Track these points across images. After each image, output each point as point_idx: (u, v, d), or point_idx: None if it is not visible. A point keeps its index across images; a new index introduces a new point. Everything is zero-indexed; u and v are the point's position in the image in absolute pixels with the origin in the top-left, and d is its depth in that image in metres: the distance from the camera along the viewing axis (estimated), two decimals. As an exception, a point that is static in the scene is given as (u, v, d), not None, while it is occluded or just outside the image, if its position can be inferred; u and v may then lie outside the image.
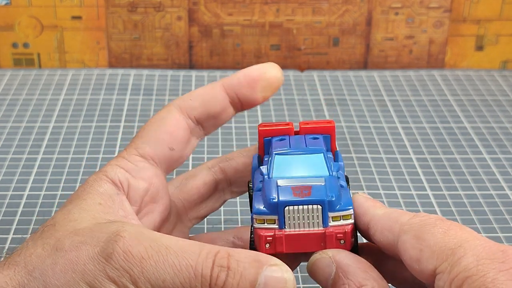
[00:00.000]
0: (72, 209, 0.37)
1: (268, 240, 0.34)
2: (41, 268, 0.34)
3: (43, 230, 0.36)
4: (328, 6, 0.81)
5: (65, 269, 0.34)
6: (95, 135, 0.68)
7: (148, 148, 0.40)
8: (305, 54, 0.84)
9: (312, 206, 0.34)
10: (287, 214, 0.34)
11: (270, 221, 0.34)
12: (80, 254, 0.34)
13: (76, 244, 0.34)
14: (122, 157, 0.40)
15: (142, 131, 0.41)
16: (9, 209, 0.56)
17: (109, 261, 0.33)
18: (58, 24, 0.81)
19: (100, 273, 0.33)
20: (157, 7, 0.81)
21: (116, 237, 0.33)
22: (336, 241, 0.34)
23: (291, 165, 0.37)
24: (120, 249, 0.33)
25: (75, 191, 0.39)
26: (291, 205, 0.34)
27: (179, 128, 0.41)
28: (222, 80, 0.42)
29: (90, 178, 0.39)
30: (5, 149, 0.65)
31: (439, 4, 0.82)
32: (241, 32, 0.82)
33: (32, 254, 0.35)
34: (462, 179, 0.62)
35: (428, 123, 0.71)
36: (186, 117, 0.41)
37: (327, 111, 0.74)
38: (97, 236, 0.34)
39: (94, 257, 0.33)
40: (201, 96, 0.41)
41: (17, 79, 0.79)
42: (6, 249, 0.52)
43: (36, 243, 0.36)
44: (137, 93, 0.77)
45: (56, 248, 0.34)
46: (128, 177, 0.39)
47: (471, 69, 0.84)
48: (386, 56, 0.84)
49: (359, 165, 0.63)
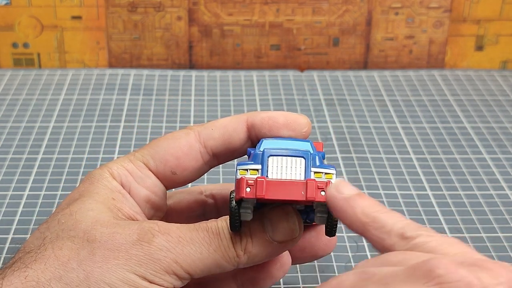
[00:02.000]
0: (87, 200, 0.37)
1: (249, 183, 0.34)
2: (77, 259, 0.34)
3: (59, 220, 0.36)
4: (328, 6, 0.81)
5: (106, 257, 0.34)
6: (95, 135, 0.68)
7: (152, 163, 0.40)
8: (305, 54, 0.84)
9: (295, 158, 0.35)
10: (271, 163, 0.35)
11: (253, 172, 0.35)
12: (117, 242, 0.35)
13: (108, 234, 0.35)
14: (129, 159, 0.40)
15: (153, 143, 0.41)
16: (9, 209, 0.56)
17: (151, 243, 0.35)
18: (58, 24, 0.81)
19: (145, 256, 0.34)
20: (157, 7, 0.81)
21: (151, 224, 0.35)
22: (317, 190, 0.34)
23: (279, 144, 0.37)
24: (159, 232, 0.35)
25: (80, 186, 0.39)
26: (276, 156, 0.35)
27: (188, 155, 0.40)
28: (247, 115, 0.40)
29: (94, 173, 0.39)
30: (5, 149, 0.65)
31: (439, 4, 0.82)
32: (241, 32, 0.82)
33: (62, 247, 0.35)
34: (462, 179, 0.62)
35: (428, 123, 0.71)
36: (202, 145, 0.40)
37: (327, 111, 0.74)
38: (128, 227, 0.35)
39: (135, 243, 0.35)
40: (223, 128, 0.41)
41: (17, 79, 0.79)
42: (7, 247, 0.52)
43: (59, 235, 0.35)
44: (137, 93, 0.77)
45: (87, 239, 0.35)
46: (131, 180, 0.39)
47: (471, 69, 0.84)
48: (386, 56, 0.84)
49: (359, 165, 0.63)
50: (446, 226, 0.55)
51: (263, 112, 0.40)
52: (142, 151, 0.41)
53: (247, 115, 0.40)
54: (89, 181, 0.39)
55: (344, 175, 0.62)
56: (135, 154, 0.41)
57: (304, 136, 0.39)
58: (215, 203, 0.44)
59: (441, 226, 0.55)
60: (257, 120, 0.40)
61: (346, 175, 0.62)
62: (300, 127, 0.39)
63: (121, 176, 0.39)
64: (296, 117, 0.39)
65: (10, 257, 0.51)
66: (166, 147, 0.40)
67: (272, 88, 0.78)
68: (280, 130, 0.39)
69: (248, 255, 0.36)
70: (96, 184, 0.39)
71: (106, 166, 0.40)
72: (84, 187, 0.39)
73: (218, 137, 0.40)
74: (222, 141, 0.40)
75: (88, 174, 0.40)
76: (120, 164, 0.40)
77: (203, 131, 0.41)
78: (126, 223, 0.36)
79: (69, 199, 0.39)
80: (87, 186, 0.39)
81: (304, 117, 0.40)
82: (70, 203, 0.38)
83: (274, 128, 0.39)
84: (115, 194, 0.38)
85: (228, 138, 0.40)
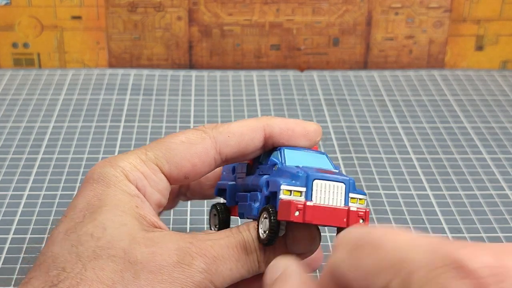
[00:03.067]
0: (114, 211, 0.36)
1: (299, 207, 0.35)
2: (122, 283, 0.34)
3: (92, 234, 0.35)
4: (328, 6, 0.81)
5: (150, 280, 0.34)
6: (95, 135, 0.68)
7: (167, 167, 0.39)
8: (305, 54, 0.84)
9: (337, 183, 0.36)
10: (316, 187, 0.36)
11: (297, 193, 0.36)
12: (159, 264, 0.34)
13: (148, 254, 0.35)
14: (141, 160, 0.39)
15: (167, 144, 0.40)
16: (9, 209, 0.56)
17: (191, 266, 0.35)
18: (58, 24, 0.81)
19: (187, 279, 0.35)
20: (157, 7, 0.81)
21: (187, 243, 0.36)
22: (357, 218, 0.36)
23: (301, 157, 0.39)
24: (197, 254, 0.35)
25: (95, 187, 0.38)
26: (320, 179, 0.36)
27: (203, 162, 0.40)
28: (263, 123, 0.40)
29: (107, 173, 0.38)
30: (5, 149, 0.65)
31: (439, 4, 0.82)
32: (241, 32, 0.82)
33: (104, 268, 0.34)
34: (462, 179, 0.62)
35: (428, 123, 0.71)
36: (217, 152, 0.40)
37: (327, 111, 0.74)
38: (165, 246, 0.35)
39: (176, 265, 0.35)
40: (240, 136, 0.40)
41: (17, 79, 0.79)
42: (7, 247, 0.52)
43: (96, 253, 0.34)
44: (137, 93, 0.77)
45: (129, 261, 0.34)
46: (146, 184, 0.39)
47: (471, 69, 0.84)
48: (386, 56, 0.84)
49: (359, 165, 0.63)
50: (446, 226, 0.55)
51: (279, 120, 0.40)
52: (155, 152, 0.39)
53: (263, 122, 0.40)
54: (104, 183, 0.38)
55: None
56: (147, 154, 0.39)
57: (317, 143, 0.41)
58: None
59: (441, 226, 0.55)
60: (275, 130, 0.40)
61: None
62: (315, 136, 0.40)
63: (137, 180, 0.38)
64: (310, 125, 0.40)
65: (10, 257, 0.51)
66: (183, 152, 0.39)
67: (272, 88, 0.78)
68: (298, 140, 0.40)
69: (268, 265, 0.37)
70: (113, 188, 0.38)
71: (117, 164, 0.39)
72: (101, 190, 0.38)
73: (234, 144, 0.40)
74: (237, 149, 0.40)
75: (98, 171, 0.38)
76: (133, 165, 0.39)
77: (219, 137, 0.40)
78: (160, 239, 0.36)
79: (88, 203, 0.37)
80: (105, 190, 0.37)
81: (317, 125, 0.40)
82: (95, 211, 0.36)
83: (292, 139, 0.40)
84: (136, 200, 0.38)
85: (245, 146, 0.40)
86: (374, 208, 0.57)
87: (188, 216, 0.56)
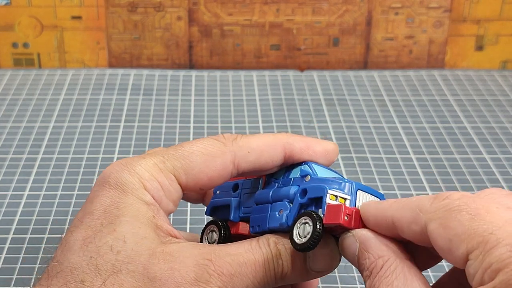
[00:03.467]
0: (133, 222, 0.36)
1: (347, 213, 0.35)
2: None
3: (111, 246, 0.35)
4: (328, 6, 0.81)
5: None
6: (95, 135, 0.68)
7: (184, 179, 0.38)
8: (305, 54, 0.84)
9: (374, 197, 0.37)
10: (359, 196, 0.36)
11: (341, 200, 0.36)
12: (176, 281, 0.34)
13: (167, 270, 0.34)
14: (159, 168, 0.38)
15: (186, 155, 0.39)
16: (9, 209, 0.56)
17: (208, 284, 0.35)
18: (58, 24, 0.81)
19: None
20: (157, 7, 0.81)
21: (205, 260, 0.35)
22: None
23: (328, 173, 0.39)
24: (214, 272, 0.35)
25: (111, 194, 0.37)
26: (362, 191, 0.37)
27: (221, 176, 0.39)
28: (284, 140, 0.40)
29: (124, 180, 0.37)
30: (5, 149, 0.65)
31: (439, 4, 0.82)
32: (241, 32, 0.82)
33: (123, 284, 0.34)
34: (462, 179, 0.62)
35: (428, 123, 0.71)
36: (235, 167, 0.39)
37: (327, 111, 0.74)
38: (183, 262, 0.35)
39: (193, 284, 0.34)
40: (260, 153, 0.39)
41: (17, 79, 0.79)
42: (7, 247, 0.52)
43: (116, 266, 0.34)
44: (137, 93, 0.77)
45: (148, 277, 0.34)
46: (162, 195, 0.38)
47: (471, 69, 0.84)
48: (386, 56, 0.84)
49: (359, 165, 0.63)
50: (446, 226, 0.55)
51: (298, 138, 0.40)
52: (173, 162, 0.38)
53: (283, 140, 0.40)
54: (121, 190, 0.37)
55: (344, 175, 0.62)
56: (165, 163, 0.38)
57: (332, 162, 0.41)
58: None
59: (441, 226, 0.55)
60: (296, 150, 0.39)
61: (346, 175, 0.62)
62: (334, 156, 0.40)
63: (154, 190, 0.37)
64: (329, 145, 0.40)
65: (10, 257, 0.51)
66: (202, 165, 0.38)
67: (272, 88, 0.78)
68: (317, 160, 0.40)
69: (285, 281, 0.37)
70: (131, 197, 0.37)
71: (134, 170, 0.38)
72: (118, 197, 0.37)
73: (253, 160, 0.39)
74: (255, 165, 0.39)
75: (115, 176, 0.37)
76: (151, 174, 0.38)
77: (238, 152, 0.39)
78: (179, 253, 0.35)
79: (105, 212, 0.36)
80: (122, 198, 0.37)
81: (335, 145, 0.41)
82: (113, 221, 0.36)
83: (312, 158, 0.40)
84: (153, 209, 0.37)
85: (263, 164, 0.39)
86: (374, 208, 0.57)
87: (188, 216, 0.56)
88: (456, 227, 0.30)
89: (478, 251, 0.29)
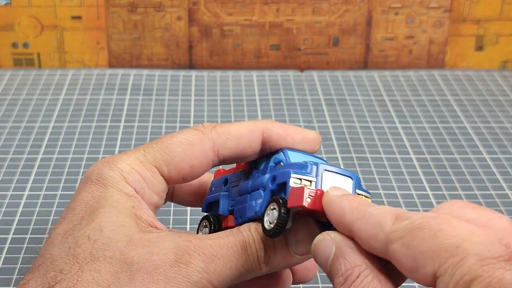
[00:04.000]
0: (111, 212, 0.36)
1: (310, 194, 0.34)
2: (118, 285, 0.34)
3: (89, 236, 0.35)
4: (328, 6, 0.81)
5: (145, 281, 0.34)
6: (95, 135, 0.68)
7: (165, 169, 0.39)
8: (305, 54, 0.84)
9: (345, 177, 0.36)
10: (325, 178, 0.35)
11: (306, 182, 0.35)
12: (155, 264, 0.34)
13: (145, 254, 0.34)
14: (140, 161, 0.39)
15: (166, 146, 0.39)
16: (9, 209, 0.56)
17: (189, 265, 0.34)
18: (58, 24, 0.81)
19: (183, 279, 0.34)
20: (157, 7, 0.81)
21: (185, 242, 0.35)
22: None
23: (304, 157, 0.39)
24: (195, 252, 0.35)
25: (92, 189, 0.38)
26: (329, 171, 0.36)
27: (202, 163, 0.39)
28: (263, 126, 0.40)
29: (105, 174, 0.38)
30: (5, 149, 0.65)
31: (439, 4, 0.82)
32: (241, 32, 0.82)
33: (100, 269, 0.34)
34: (462, 179, 0.62)
35: (428, 123, 0.71)
36: (215, 154, 0.40)
37: (327, 111, 0.74)
38: (162, 245, 0.35)
39: (172, 265, 0.34)
40: (238, 138, 0.40)
41: (17, 79, 0.79)
42: (7, 247, 0.52)
43: (93, 254, 0.34)
44: (137, 93, 0.77)
45: (125, 262, 0.34)
46: (144, 187, 0.38)
47: (471, 69, 0.84)
48: (386, 56, 0.84)
49: (359, 165, 0.63)
50: (446, 226, 0.55)
51: (277, 125, 0.40)
52: (154, 153, 0.39)
53: (262, 126, 0.40)
54: (101, 184, 0.38)
55: (344, 175, 0.62)
56: (146, 155, 0.39)
57: (314, 153, 0.40)
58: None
59: (441, 226, 0.55)
60: (273, 136, 0.40)
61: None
62: (314, 145, 0.40)
63: (135, 182, 0.38)
64: (310, 133, 0.40)
65: (10, 257, 0.51)
66: (182, 154, 0.39)
67: (272, 88, 0.78)
68: (295, 146, 0.39)
69: (269, 266, 0.37)
70: (111, 189, 0.37)
71: (115, 165, 0.38)
72: (98, 191, 0.37)
73: (232, 146, 0.40)
74: (235, 151, 0.40)
75: (97, 172, 0.38)
76: (131, 167, 0.38)
77: (217, 139, 0.39)
78: (158, 239, 0.35)
79: (86, 205, 0.37)
80: (102, 191, 0.37)
81: (316, 134, 0.40)
82: (92, 213, 0.36)
83: (290, 145, 0.39)
84: (134, 201, 0.37)
85: (242, 150, 0.40)
86: (374, 208, 0.57)
87: (188, 216, 0.56)
88: (420, 245, 0.29)
89: (447, 265, 0.28)
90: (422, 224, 0.30)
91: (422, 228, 0.30)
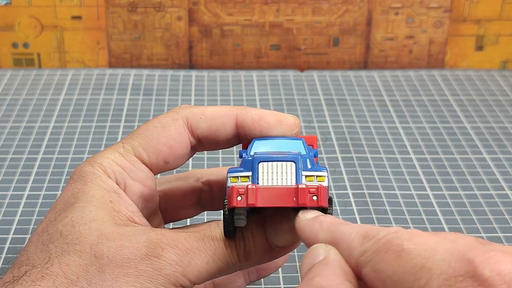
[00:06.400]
0: (86, 207, 0.36)
1: (240, 192, 0.34)
2: (87, 277, 0.34)
3: (61, 231, 0.35)
4: (328, 6, 0.81)
5: (115, 274, 0.34)
6: (95, 135, 0.68)
7: (145, 155, 0.39)
8: (305, 54, 0.84)
9: (286, 163, 0.34)
10: (262, 169, 0.34)
11: (244, 179, 0.35)
12: (126, 257, 0.34)
13: (116, 248, 0.34)
14: (119, 153, 0.39)
15: (142, 132, 0.40)
16: (9, 209, 0.56)
17: (161, 258, 0.34)
18: (58, 24, 0.81)
19: (155, 272, 0.34)
20: (157, 7, 0.81)
21: (158, 235, 0.35)
22: (309, 195, 0.34)
23: (269, 145, 0.37)
24: (167, 245, 0.35)
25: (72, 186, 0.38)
26: (266, 161, 0.35)
27: (179, 143, 0.39)
28: (237, 111, 0.39)
29: (85, 171, 0.38)
30: (5, 149, 0.65)
31: (439, 4, 0.82)
32: (241, 32, 0.82)
33: (70, 263, 0.34)
34: (462, 179, 0.62)
35: (428, 123, 0.71)
36: (190, 132, 0.40)
37: (327, 111, 0.74)
38: (135, 238, 0.35)
39: (144, 258, 0.34)
40: (211, 120, 0.39)
41: (17, 79, 0.79)
42: (7, 247, 0.52)
43: (64, 249, 0.35)
44: (137, 93, 0.77)
45: (95, 255, 0.34)
46: (125, 177, 0.39)
47: (471, 69, 0.84)
48: (386, 56, 0.84)
49: (359, 165, 0.63)
50: (446, 226, 0.55)
51: (252, 110, 0.39)
52: (132, 142, 0.39)
53: (236, 110, 0.39)
54: (81, 181, 0.38)
55: (344, 175, 0.62)
56: (124, 146, 0.39)
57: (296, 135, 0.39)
58: (211, 191, 0.43)
59: (441, 226, 0.55)
60: (247, 119, 0.39)
61: (346, 175, 0.62)
62: (291, 128, 0.39)
63: (115, 173, 0.38)
64: (286, 117, 0.39)
65: (10, 257, 0.51)
66: (157, 136, 0.39)
67: (272, 88, 0.78)
68: (271, 131, 0.38)
69: (250, 260, 0.37)
70: (90, 185, 0.38)
71: (95, 161, 0.39)
72: (77, 188, 0.38)
73: (205, 127, 0.39)
74: (208, 132, 0.40)
75: (78, 171, 0.39)
76: (111, 159, 0.39)
77: (191, 117, 0.39)
78: (132, 232, 0.35)
79: (64, 203, 0.38)
80: (81, 187, 0.38)
81: (293, 117, 0.39)
82: (67, 209, 0.37)
83: (264, 129, 0.39)
84: (112, 195, 0.38)
85: (215, 131, 0.40)
86: (374, 208, 0.57)
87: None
88: (386, 269, 0.29)
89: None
90: (386, 245, 0.29)
91: (387, 250, 0.29)
